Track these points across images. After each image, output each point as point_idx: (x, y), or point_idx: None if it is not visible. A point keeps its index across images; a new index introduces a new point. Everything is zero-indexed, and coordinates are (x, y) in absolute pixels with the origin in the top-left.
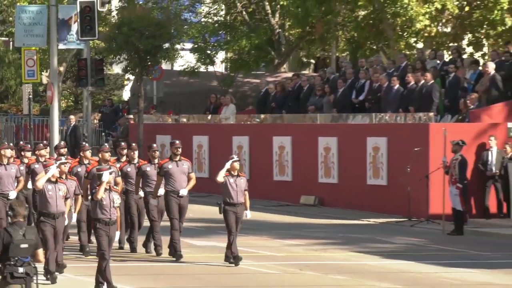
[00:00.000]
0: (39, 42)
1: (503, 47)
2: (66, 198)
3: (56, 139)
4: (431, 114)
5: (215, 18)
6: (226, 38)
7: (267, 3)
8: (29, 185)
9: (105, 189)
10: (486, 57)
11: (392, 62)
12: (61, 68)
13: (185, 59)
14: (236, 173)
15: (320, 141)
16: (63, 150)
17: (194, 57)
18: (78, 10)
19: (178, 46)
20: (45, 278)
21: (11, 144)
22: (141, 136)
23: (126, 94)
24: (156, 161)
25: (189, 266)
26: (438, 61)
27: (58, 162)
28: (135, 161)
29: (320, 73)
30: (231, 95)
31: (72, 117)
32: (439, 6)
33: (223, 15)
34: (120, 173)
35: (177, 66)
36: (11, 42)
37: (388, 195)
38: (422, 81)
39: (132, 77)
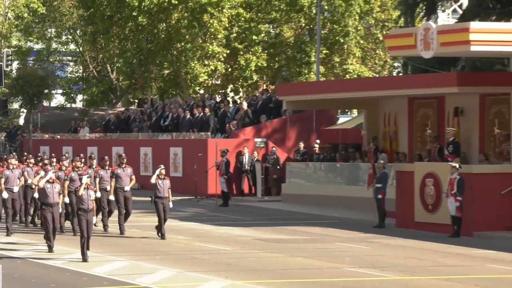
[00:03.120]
0: None
1: (251, 92)
2: (59, 194)
3: None
4: (209, 133)
5: (76, 74)
6: (83, 87)
7: (108, 66)
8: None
9: (84, 188)
10: (242, 99)
11: (185, 101)
12: None
13: (58, 99)
14: (162, 177)
15: (141, 150)
16: (47, 161)
17: (63, 98)
18: None
19: (53, 92)
20: (47, 250)
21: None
22: (30, 147)
23: (21, 121)
24: (107, 167)
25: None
26: (213, 101)
27: (53, 169)
28: (94, 166)
29: (143, 108)
30: (86, 122)
31: None
32: (213, 68)
33: (81, 72)
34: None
35: (53, 103)
36: None
37: (183, 182)
38: (202, 113)
39: (25, 111)
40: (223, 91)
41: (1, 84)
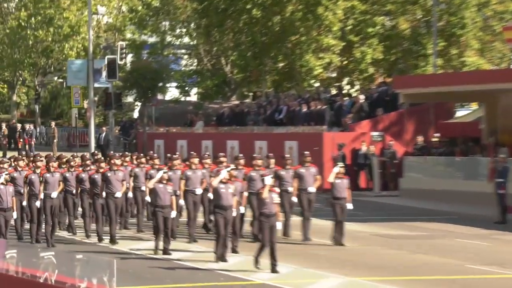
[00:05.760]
0: (82, 82)
1: (367, 86)
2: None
3: (92, 142)
4: (324, 127)
5: (191, 67)
6: (197, 80)
7: (222, 59)
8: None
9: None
10: (357, 92)
11: (298, 95)
12: (96, 98)
13: (172, 93)
14: (340, 176)
15: (256, 144)
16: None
17: (178, 91)
18: (106, 62)
19: (167, 85)
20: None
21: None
22: (145, 140)
23: (135, 114)
24: (288, 166)
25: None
26: (328, 94)
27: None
28: (271, 166)
29: (257, 101)
30: (200, 115)
31: (103, 128)
32: (328, 61)
33: (195, 66)
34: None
35: (167, 97)
36: (64, 83)
37: None
38: (319, 106)
39: (139, 104)
40: (338, 84)
41: (116, 77)
